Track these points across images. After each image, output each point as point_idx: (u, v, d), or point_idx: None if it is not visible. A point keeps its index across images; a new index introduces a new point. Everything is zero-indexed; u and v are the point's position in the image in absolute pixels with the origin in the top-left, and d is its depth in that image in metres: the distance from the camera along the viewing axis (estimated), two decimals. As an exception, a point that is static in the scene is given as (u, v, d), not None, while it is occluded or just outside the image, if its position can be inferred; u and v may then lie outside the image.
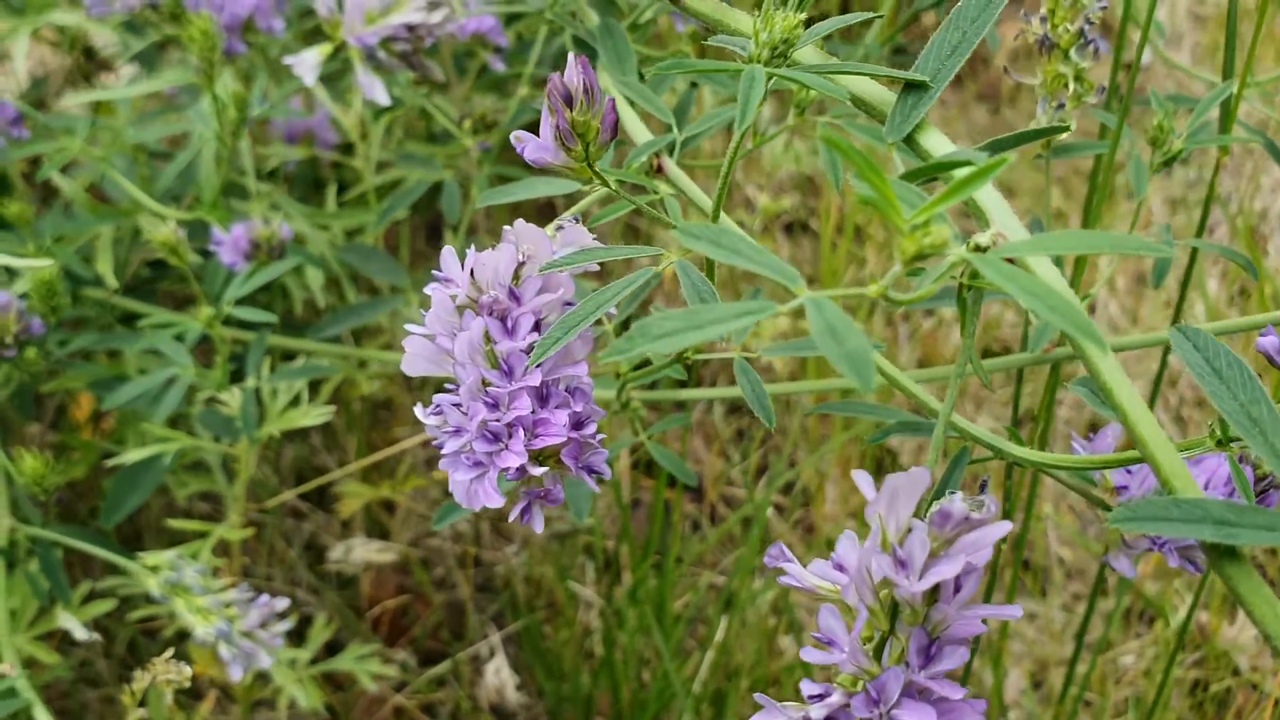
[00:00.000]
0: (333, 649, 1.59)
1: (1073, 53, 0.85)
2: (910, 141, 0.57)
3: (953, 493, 0.52)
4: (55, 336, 1.13)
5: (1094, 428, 1.86)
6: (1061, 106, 0.86)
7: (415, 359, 0.67)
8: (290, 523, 1.75)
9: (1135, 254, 0.46)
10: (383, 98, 1.07)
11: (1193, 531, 0.49)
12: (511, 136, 0.63)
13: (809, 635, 0.53)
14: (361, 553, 1.65)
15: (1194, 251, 1.02)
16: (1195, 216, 2.16)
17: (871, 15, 0.60)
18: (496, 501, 0.64)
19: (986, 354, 1.97)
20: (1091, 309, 1.72)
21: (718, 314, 0.43)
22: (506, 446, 0.64)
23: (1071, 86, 0.86)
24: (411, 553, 1.72)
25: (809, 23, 0.59)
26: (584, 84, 0.59)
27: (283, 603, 1.12)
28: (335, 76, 1.49)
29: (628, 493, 1.84)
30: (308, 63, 1.04)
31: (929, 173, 0.45)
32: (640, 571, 1.57)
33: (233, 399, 1.11)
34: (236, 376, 1.15)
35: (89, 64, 1.73)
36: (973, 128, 2.46)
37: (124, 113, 1.24)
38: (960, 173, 0.45)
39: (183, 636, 1.43)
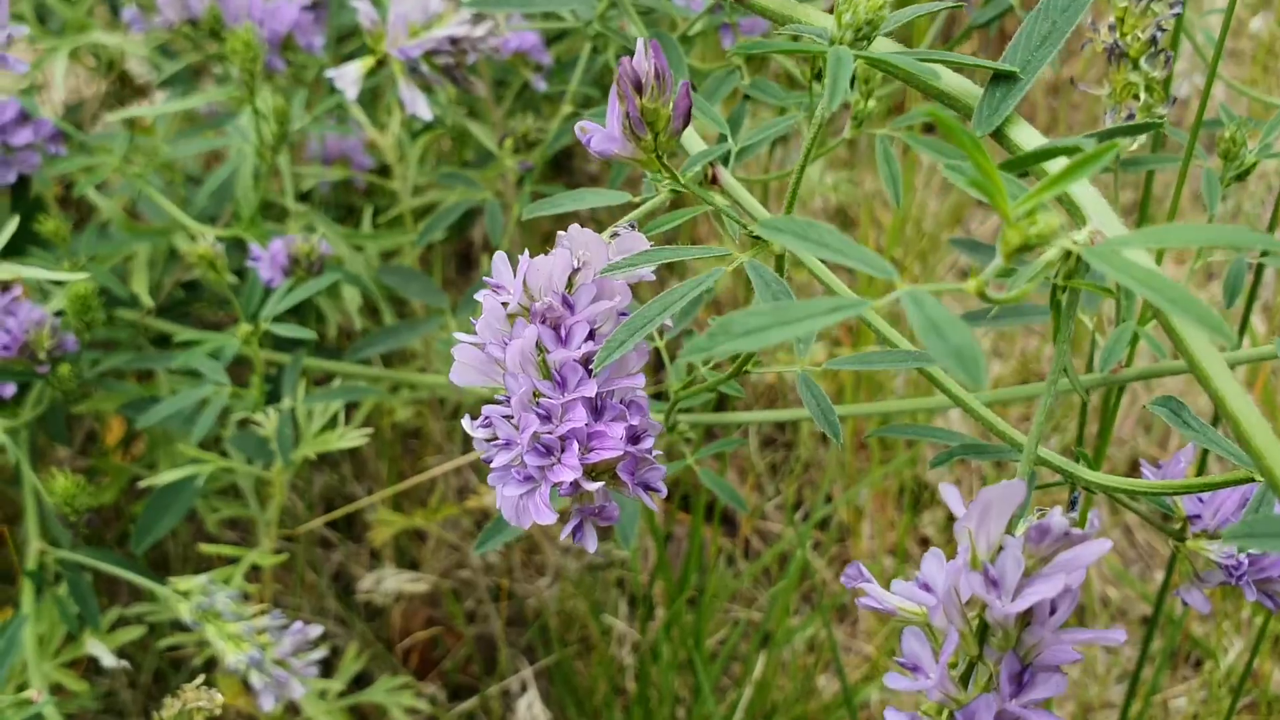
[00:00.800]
0: (360, 682, 1.56)
1: (1143, 61, 0.82)
2: (999, 135, 0.54)
3: (1040, 510, 0.48)
4: (88, 357, 1.10)
5: (1141, 459, 1.81)
6: (1131, 116, 0.83)
7: (464, 368, 0.64)
8: (319, 552, 1.72)
9: (1239, 247, 0.43)
10: (424, 112, 1.05)
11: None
12: (576, 127, 0.60)
13: (894, 662, 0.49)
14: (392, 583, 1.61)
15: (1258, 269, 0.99)
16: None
17: (949, 4, 0.57)
18: (548, 518, 0.61)
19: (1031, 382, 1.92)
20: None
21: (809, 309, 0.40)
22: (559, 460, 0.61)
23: (1142, 96, 0.82)
24: (442, 584, 1.68)
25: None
26: (656, 69, 0.56)
27: (316, 630, 1.08)
28: (371, 101, 1.47)
29: (661, 526, 1.80)
30: (349, 76, 1.02)
31: (1029, 162, 0.42)
32: (675, 606, 1.53)
33: (268, 420, 1.09)
34: (271, 398, 1.12)
35: (124, 89, 1.73)
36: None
37: (161, 130, 1.22)
38: (1058, 163, 0.42)
39: (210, 666, 1.39)
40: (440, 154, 1.68)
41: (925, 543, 1.83)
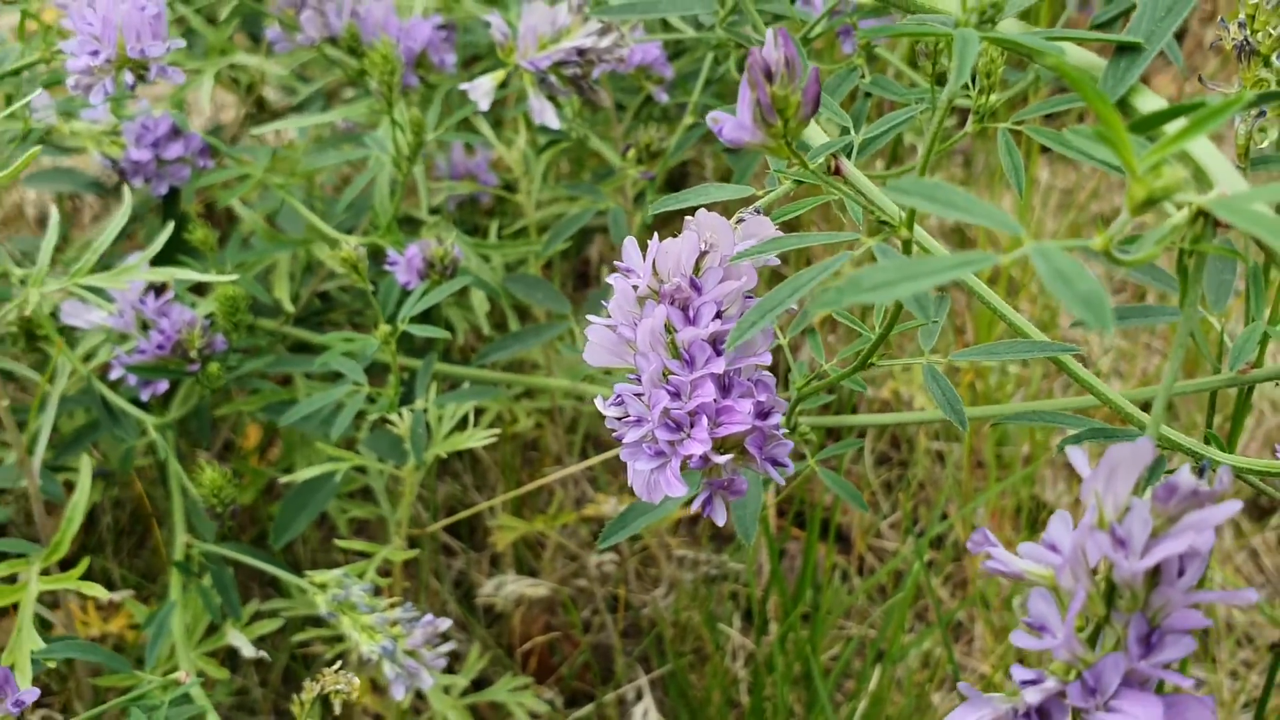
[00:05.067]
0: (480, 685, 1.59)
1: (1275, 58, 0.82)
2: (1123, 105, 0.55)
3: (1171, 471, 0.49)
4: (232, 359, 1.16)
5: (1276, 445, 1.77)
6: (1262, 114, 0.83)
7: (597, 348, 0.67)
8: (442, 559, 1.77)
9: None
10: (553, 121, 1.09)
11: None
12: (708, 117, 0.63)
13: (1021, 622, 0.50)
14: (513, 588, 1.65)
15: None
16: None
17: None
18: (679, 490, 0.63)
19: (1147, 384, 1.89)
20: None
21: (934, 265, 0.41)
22: (689, 435, 0.63)
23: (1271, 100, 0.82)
24: (561, 591, 1.71)
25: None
26: (786, 57, 0.58)
27: (445, 623, 1.12)
28: (496, 124, 1.52)
29: (776, 542, 1.81)
30: (482, 88, 1.06)
31: (1155, 123, 0.43)
32: (790, 620, 1.53)
33: (401, 421, 1.13)
34: (404, 400, 1.17)
35: (261, 113, 1.81)
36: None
37: (300, 148, 1.28)
38: (1180, 122, 0.43)
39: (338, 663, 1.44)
40: (560, 175, 1.73)
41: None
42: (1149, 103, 0.55)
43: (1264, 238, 0.39)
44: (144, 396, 1.13)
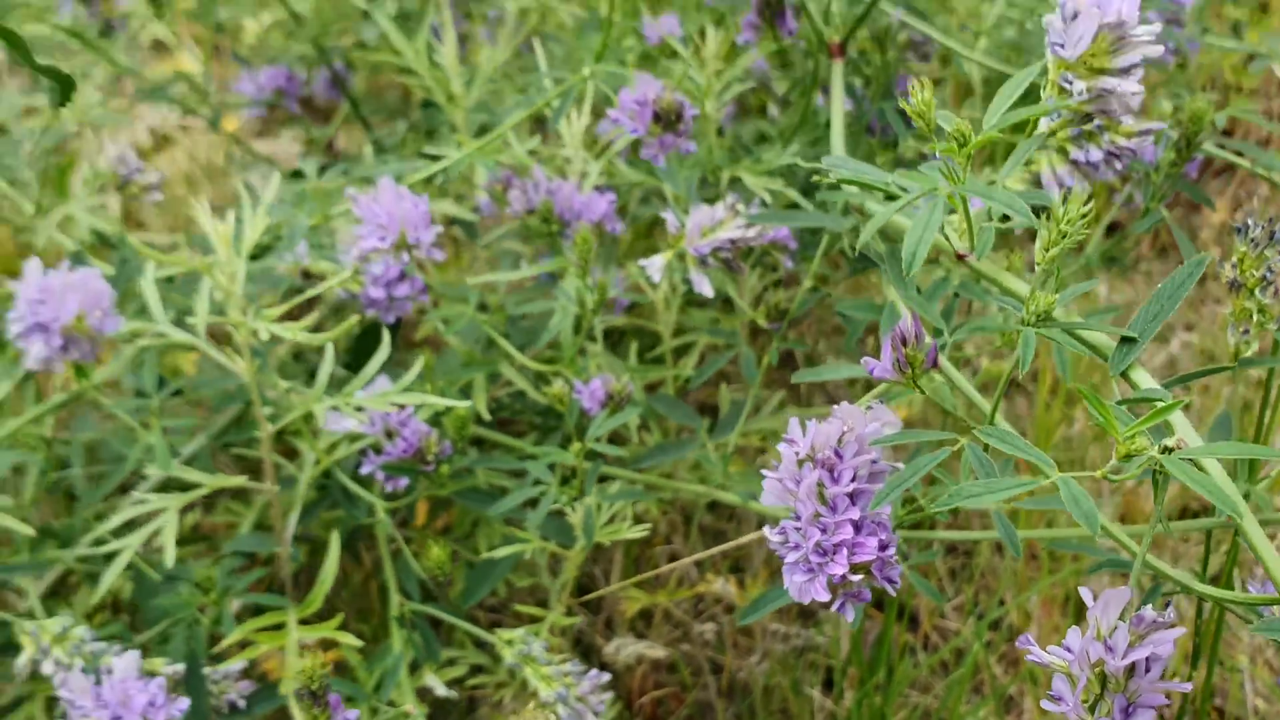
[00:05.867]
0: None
1: (1257, 292, 1.13)
2: (1125, 375, 0.86)
3: (1141, 608, 0.80)
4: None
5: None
6: (1247, 332, 1.14)
7: (770, 495, 0.99)
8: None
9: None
10: (708, 290, 1.42)
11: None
12: (862, 361, 0.95)
13: (1045, 693, 0.81)
14: (631, 649, 1.96)
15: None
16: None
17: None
18: (824, 597, 0.95)
19: (1186, 512, 2.17)
20: None
21: (1007, 484, 0.73)
22: (833, 560, 0.95)
23: (1255, 318, 1.13)
24: (672, 653, 2.02)
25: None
26: (915, 332, 0.90)
27: (605, 676, 1.43)
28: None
29: (857, 621, 2.10)
30: (656, 265, 1.40)
31: (1136, 402, 0.73)
32: (865, 689, 1.83)
33: (573, 513, 1.46)
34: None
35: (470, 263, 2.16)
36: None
37: (501, 291, 1.63)
38: (1159, 403, 0.75)
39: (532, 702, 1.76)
40: (688, 297, 2.07)
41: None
42: (1141, 377, 0.86)
43: (1190, 485, 0.70)
44: (388, 489, 1.46)
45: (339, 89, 2.16)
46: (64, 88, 1.21)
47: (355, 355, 1.73)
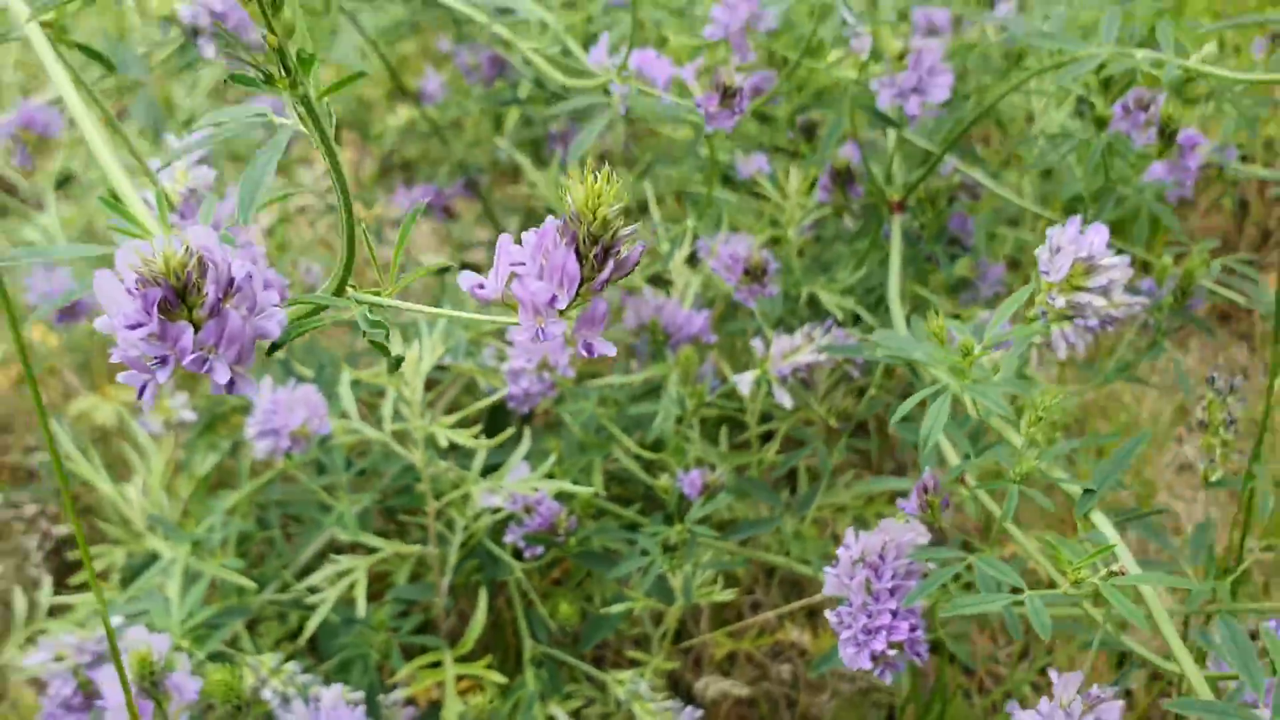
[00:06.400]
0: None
1: (1220, 430, 1.43)
2: (1085, 516, 1.16)
3: (1093, 688, 1.11)
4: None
5: None
6: (1213, 461, 1.43)
7: (830, 586, 1.32)
8: (664, 658, 2.42)
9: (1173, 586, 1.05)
10: (788, 403, 1.75)
11: None
12: (897, 503, 1.27)
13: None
14: (718, 687, 2.29)
15: None
16: None
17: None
18: (868, 665, 1.27)
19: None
20: None
21: (990, 599, 1.04)
22: (875, 638, 1.27)
23: (1219, 451, 1.43)
24: (753, 690, 2.35)
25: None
26: (933, 484, 1.22)
27: (699, 713, 1.76)
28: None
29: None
30: (746, 380, 1.73)
31: (1089, 541, 1.04)
32: (922, 725, 2.13)
33: (673, 577, 1.79)
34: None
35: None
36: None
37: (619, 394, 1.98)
38: (1108, 540, 1.05)
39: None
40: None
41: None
42: (1099, 518, 1.16)
43: (1125, 613, 1.00)
44: (527, 555, 1.82)
45: (473, 193, 2.53)
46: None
47: (489, 430, 2.09)
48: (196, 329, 0.68)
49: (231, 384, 0.69)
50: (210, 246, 0.68)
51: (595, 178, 0.72)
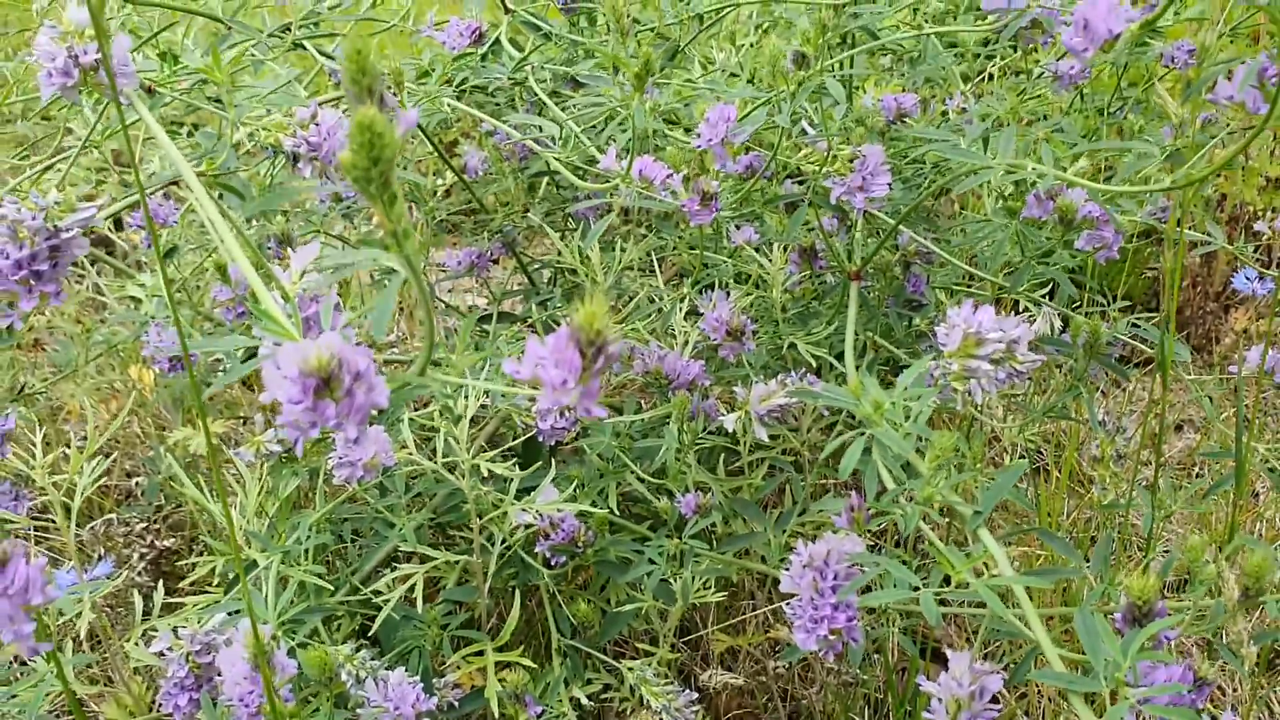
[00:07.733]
0: (698, 736, 2.60)
1: (1109, 463, 1.79)
2: (975, 533, 1.52)
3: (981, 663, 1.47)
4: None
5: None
6: (1104, 488, 1.80)
7: (786, 583, 1.69)
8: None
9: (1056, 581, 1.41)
10: (764, 437, 2.12)
11: None
12: (831, 517, 1.64)
13: None
14: (720, 678, 2.65)
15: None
16: None
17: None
18: (813, 646, 1.63)
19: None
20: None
21: (890, 594, 1.41)
22: (820, 625, 1.63)
23: (1109, 480, 1.79)
24: (751, 682, 2.72)
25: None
26: (858, 504, 1.59)
27: (694, 695, 2.13)
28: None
29: (894, 659, 2.77)
30: (730, 420, 2.10)
31: (978, 553, 1.41)
32: (899, 713, 2.49)
33: (675, 582, 2.16)
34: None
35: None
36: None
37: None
38: (991, 552, 1.42)
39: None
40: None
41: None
42: (986, 535, 1.51)
43: (994, 608, 1.36)
44: (554, 563, 2.19)
45: (510, 251, 2.92)
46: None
47: (523, 459, 2.47)
48: (335, 404, 1.06)
49: (356, 439, 1.07)
50: (343, 349, 1.07)
51: (592, 301, 1.09)
